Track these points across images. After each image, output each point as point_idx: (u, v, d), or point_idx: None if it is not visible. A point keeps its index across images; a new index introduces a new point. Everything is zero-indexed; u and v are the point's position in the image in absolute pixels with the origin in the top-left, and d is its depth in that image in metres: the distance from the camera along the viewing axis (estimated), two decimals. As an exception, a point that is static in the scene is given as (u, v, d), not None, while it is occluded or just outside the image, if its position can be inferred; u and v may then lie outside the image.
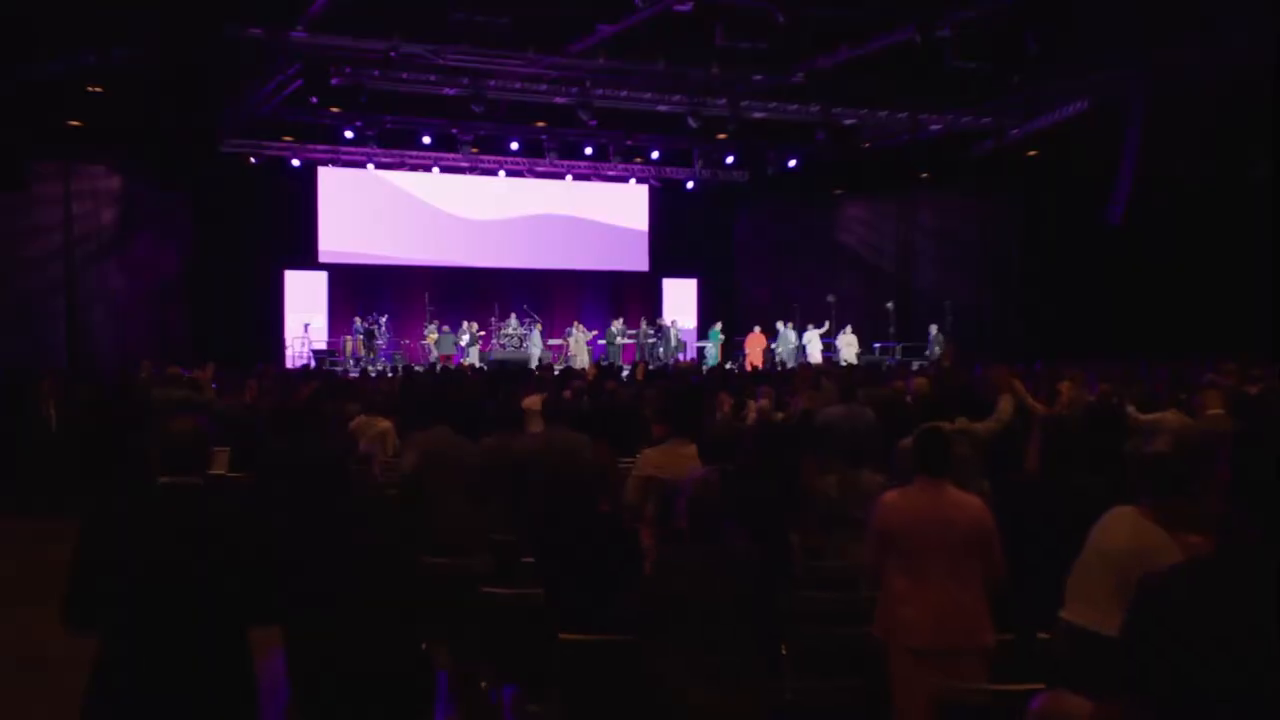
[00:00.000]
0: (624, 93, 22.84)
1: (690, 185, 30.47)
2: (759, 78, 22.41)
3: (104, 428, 11.95)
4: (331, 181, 28.23)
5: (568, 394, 11.98)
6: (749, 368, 25.05)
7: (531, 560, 5.77)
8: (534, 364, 24.20)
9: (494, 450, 6.79)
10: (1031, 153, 26.47)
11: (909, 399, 11.84)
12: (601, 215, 31.03)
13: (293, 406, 10.78)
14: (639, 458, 6.35)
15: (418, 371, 15.70)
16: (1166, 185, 24.31)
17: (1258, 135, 24.08)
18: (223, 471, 9.54)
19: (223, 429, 10.17)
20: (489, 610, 5.31)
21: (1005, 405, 7.94)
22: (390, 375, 19.12)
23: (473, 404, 11.31)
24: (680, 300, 31.33)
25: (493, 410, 7.94)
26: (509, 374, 16.09)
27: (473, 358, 25.19)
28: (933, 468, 4.86)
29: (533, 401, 11.28)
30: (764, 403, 10.28)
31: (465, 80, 21.58)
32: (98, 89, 20.72)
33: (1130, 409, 10.63)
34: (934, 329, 26.72)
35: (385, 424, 10.46)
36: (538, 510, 6.10)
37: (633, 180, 30.48)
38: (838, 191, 31.14)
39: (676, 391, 7.65)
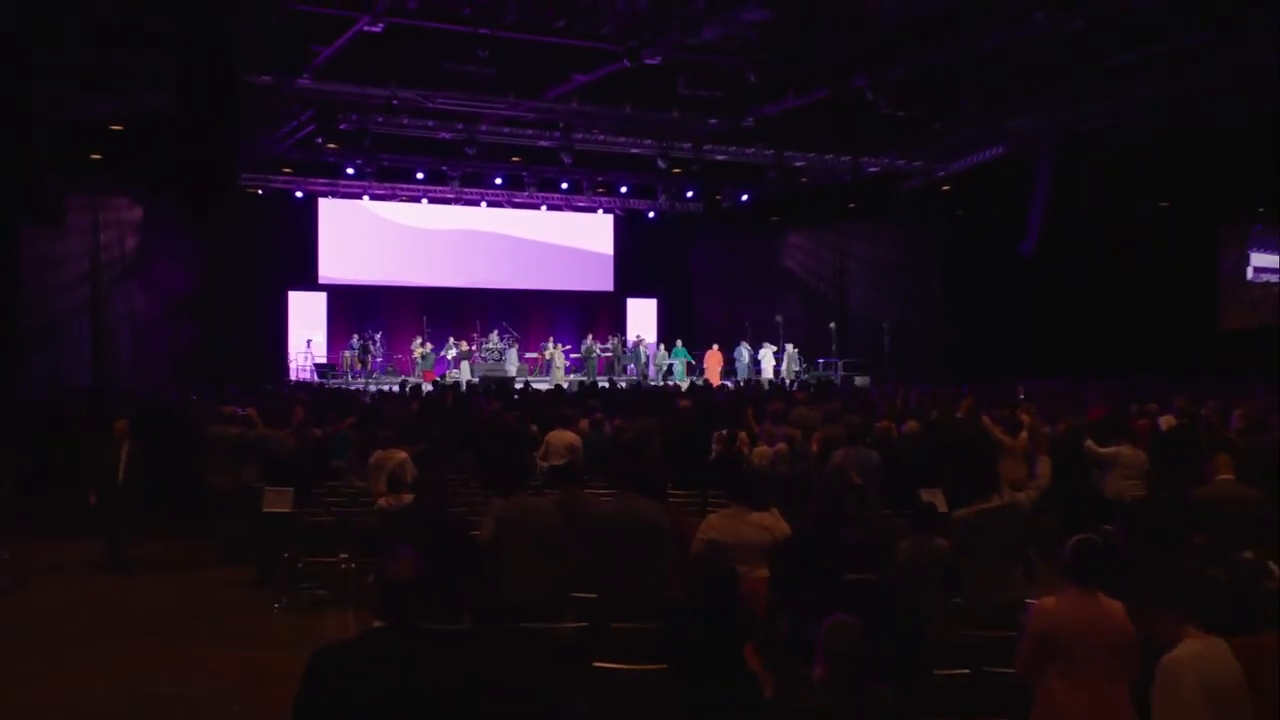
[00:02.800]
0: (601, 137, 22.72)
1: (651, 215, 30.32)
2: (714, 121, 22.27)
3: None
4: (330, 211, 27.86)
5: (585, 425, 11.60)
6: (704, 381, 24.89)
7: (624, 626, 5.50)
8: (514, 379, 23.97)
9: (569, 513, 6.42)
10: (945, 187, 26.57)
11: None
12: (571, 241, 30.70)
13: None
14: (704, 523, 6.05)
15: (434, 398, 15.11)
16: (1072, 221, 24.56)
17: (1145, 179, 24.64)
18: (288, 509, 9.11)
19: (281, 468, 9.70)
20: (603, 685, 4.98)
21: (1045, 469, 7.68)
22: (391, 393, 18.54)
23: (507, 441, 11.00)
24: (642, 318, 31.12)
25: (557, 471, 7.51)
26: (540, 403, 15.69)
27: (464, 372, 24.71)
28: (1087, 578, 4.54)
29: (559, 436, 10.92)
30: (782, 446, 9.94)
31: (460, 125, 21.41)
32: (120, 127, 20.17)
33: (1089, 442, 10.56)
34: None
35: (402, 455, 10.02)
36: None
37: (600, 210, 30.18)
38: (774, 218, 30.96)
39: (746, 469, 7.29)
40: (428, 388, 21.12)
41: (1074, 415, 13.44)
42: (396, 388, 20.43)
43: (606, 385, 21.77)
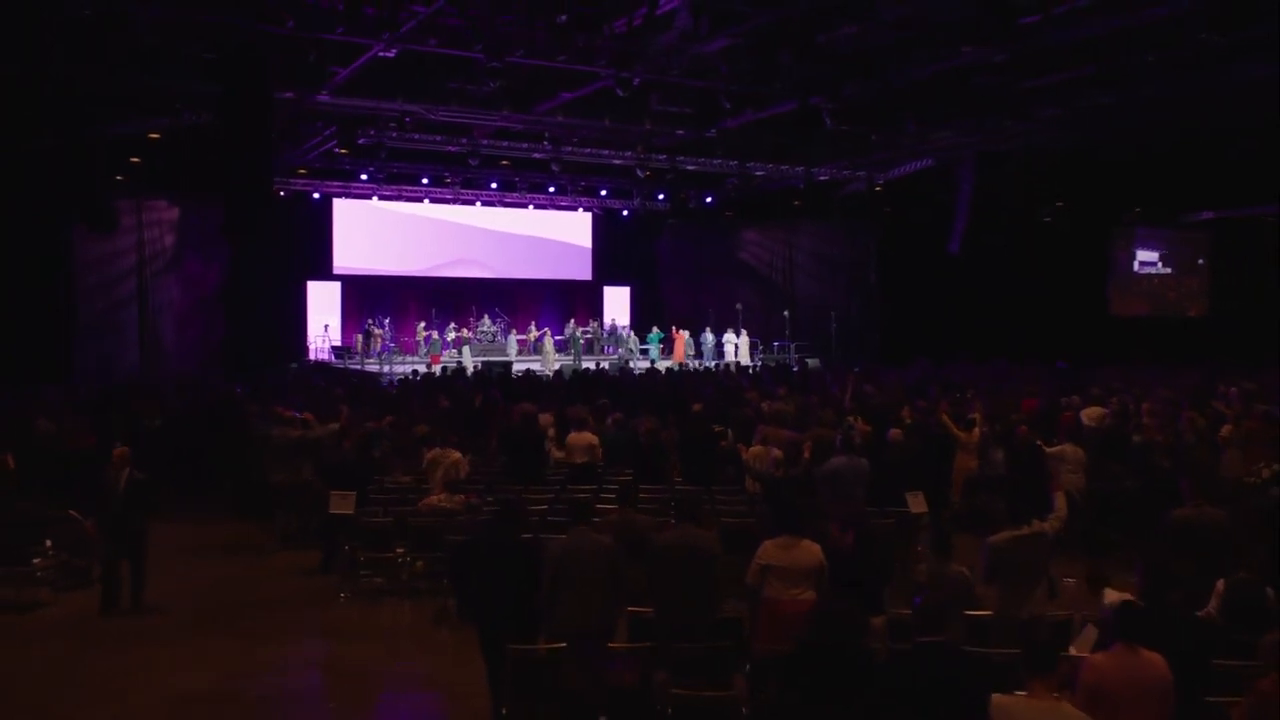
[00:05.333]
0: (588, 150, 22.50)
1: (625, 213, 30.01)
2: (682, 133, 22.15)
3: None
4: (344, 210, 27.35)
5: (609, 422, 11.43)
6: (676, 363, 24.81)
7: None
8: (512, 361, 23.69)
9: (624, 541, 6.25)
10: (878, 187, 26.56)
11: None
12: (555, 235, 30.34)
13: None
14: (760, 549, 5.94)
15: (462, 394, 14.81)
16: (990, 224, 24.76)
17: (1049, 187, 24.97)
18: (350, 512, 8.90)
19: (341, 473, 9.47)
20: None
21: (1061, 503, 7.59)
22: (411, 380, 18.23)
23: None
24: (617, 304, 30.93)
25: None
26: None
27: (466, 355, 24.42)
28: (1135, 636, 4.48)
29: (579, 437, 10.72)
30: (778, 453, 9.77)
31: (464, 140, 21.09)
32: (156, 135, 19.60)
33: (1039, 443, 10.64)
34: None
35: (456, 455, 9.86)
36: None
37: (580, 209, 29.84)
38: (728, 213, 30.76)
39: (790, 500, 7.14)
40: (436, 370, 20.90)
41: (1009, 409, 13.54)
42: (409, 371, 20.14)
43: (592, 367, 21.69)
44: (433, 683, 7.05)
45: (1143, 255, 30.30)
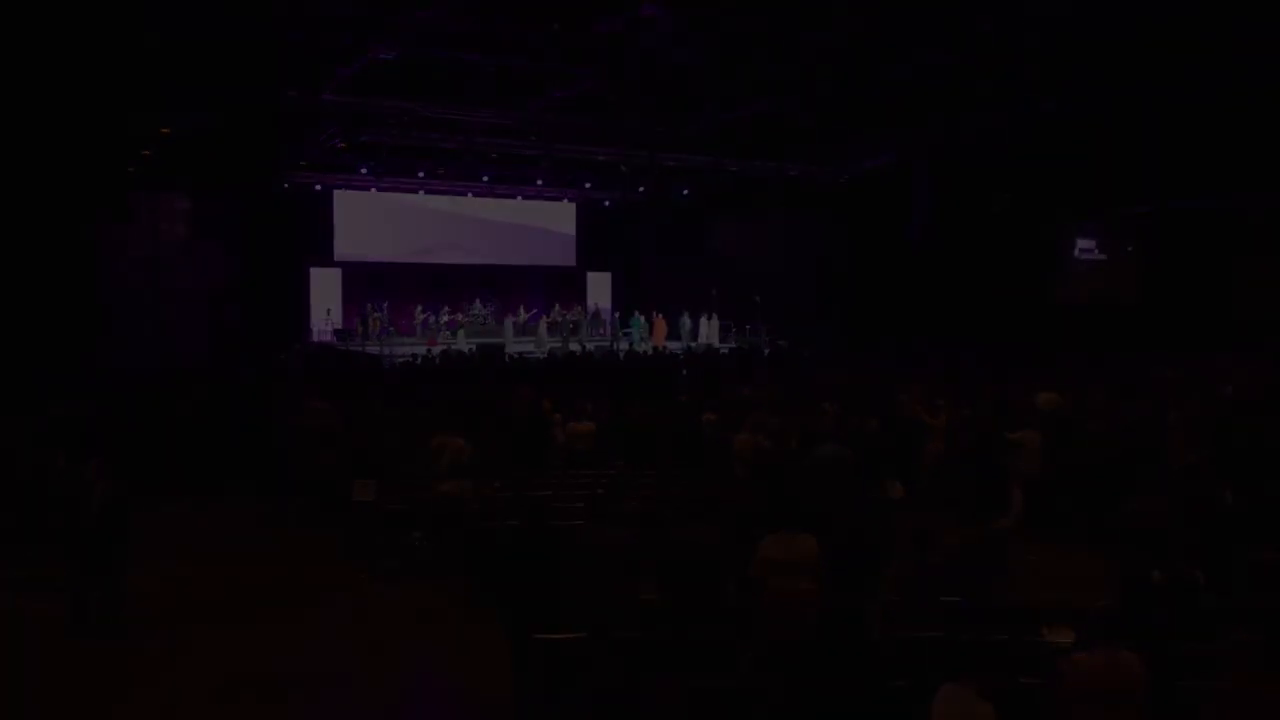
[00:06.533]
0: (574, 146, 22.39)
1: (607, 203, 29.82)
2: (661, 129, 22.11)
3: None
4: (344, 201, 26.98)
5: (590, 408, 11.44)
6: (656, 346, 24.79)
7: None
8: (508, 346, 23.56)
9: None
10: (843, 181, 26.57)
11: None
12: (541, 223, 30.13)
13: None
14: (761, 544, 5.98)
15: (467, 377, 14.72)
16: (949, 216, 24.90)
17: (998, 183, 25.13)
18: (371, 498, 8.88)
19: (361, 461, 9.43)
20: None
21: (1017, 497, 7.69)
22: (413, 364, 18.15)
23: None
24: (599, 289, 30.82)
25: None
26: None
27: (460, 338, 24.27)
28: (1115, 638, 4.51)
29: (579, 426, 10.73)
30: (764, 440, 9.79)
31: (460, 137, 20.92)
32: (167, 130, 19.28)
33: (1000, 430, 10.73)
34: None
35: (459, 441, 9.72)
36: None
37: (565, 199, 29.62)
38: (705, 205, 30.58)
39: (794, 492, 7.18)
40: (435, 353, 20.80)
41: (974, 394, 13.65)
42: (409, 354, 20.04)
43: (577, 350, 21.67)
44: (454, 664, 7.05)
45: (1082, 244, 30.58)
